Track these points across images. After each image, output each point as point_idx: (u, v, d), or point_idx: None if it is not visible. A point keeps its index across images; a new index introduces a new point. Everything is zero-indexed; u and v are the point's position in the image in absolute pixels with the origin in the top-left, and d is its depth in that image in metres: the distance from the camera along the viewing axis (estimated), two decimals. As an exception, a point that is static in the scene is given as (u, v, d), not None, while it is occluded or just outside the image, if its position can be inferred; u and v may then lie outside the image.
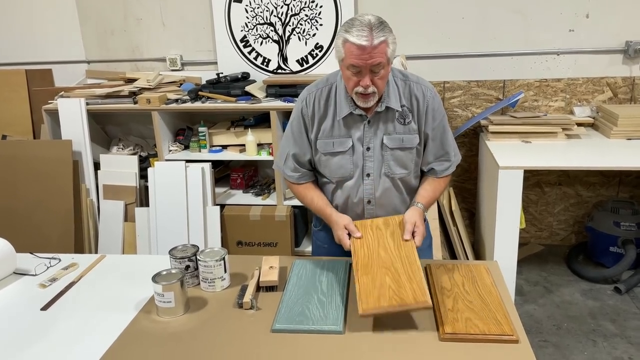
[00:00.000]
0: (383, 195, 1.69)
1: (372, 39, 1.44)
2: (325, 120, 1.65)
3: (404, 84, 1.65)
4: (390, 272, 1.43)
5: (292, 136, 1.71)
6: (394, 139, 1.64)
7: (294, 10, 3.24)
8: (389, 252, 1.51)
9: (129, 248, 3.14)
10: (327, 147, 1.66)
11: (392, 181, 1.68)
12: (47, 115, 3.18)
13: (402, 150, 1.65)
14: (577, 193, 3.47)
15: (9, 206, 3.09)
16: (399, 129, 1.64)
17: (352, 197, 1.70)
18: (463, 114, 3.37)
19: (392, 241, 1.55)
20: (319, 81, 1.70)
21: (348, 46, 1.46)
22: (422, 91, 1.65)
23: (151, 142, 3.42)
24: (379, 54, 1.45)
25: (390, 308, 1.32)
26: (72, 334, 1.40)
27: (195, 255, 1.59)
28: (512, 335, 1.28)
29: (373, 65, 1.47)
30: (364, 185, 1.68)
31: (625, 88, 3.20)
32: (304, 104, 1.67)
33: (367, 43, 1.43)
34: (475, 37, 3.23)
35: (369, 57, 1.45)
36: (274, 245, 3.08)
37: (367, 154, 1.65)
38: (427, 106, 1.64)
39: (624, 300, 2.91)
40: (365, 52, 1.44)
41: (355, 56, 1.46)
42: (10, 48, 3.66)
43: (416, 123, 1.65)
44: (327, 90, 1.66)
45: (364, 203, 1.70)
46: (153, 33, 3.49)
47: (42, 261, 1.80)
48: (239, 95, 3.07)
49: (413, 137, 1.65)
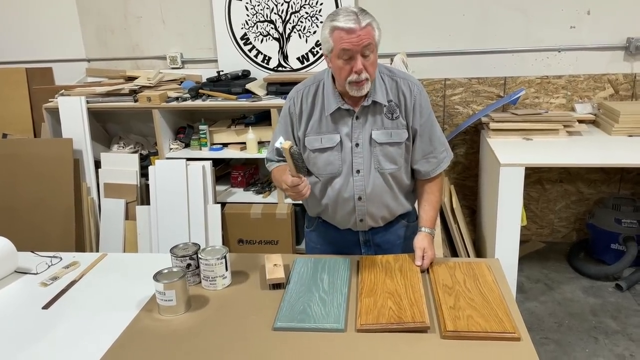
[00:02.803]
0: (374, 191, 1.69)
1: (359, 21, 1.48)
2: (313, 117, 1.67)
3: (390, 80, 1.66)
4: (393, 297, 1.45)
5: (278, 132, 1.74)
6: (383, 133, 1.64)
7: (294, 8, 3.24)
8: (395, 281, 1.54)
9: (130, 246, 3.14)
10: (315, 143, 1.67)
11: (382, 177, 1.69)
12: (47, 113, 3.18)
13: (391, 146, 1.66)
14: (578, 190, 3.46)
15: (10, 205, 3.09)
16: (387, 124, 1.65)
17: (342, 193, 1.70)
18: (464, 111, 3.36)
19: (400, 273, 1.58)
20: (307, 80, 1.72)
21: (337, 33, 1.49)
22: (409, 87, 1.66)
23: (152, 140, 3.41)
24: (367, 35, 1.48)
25: (387, 325, 1.34)
26: (73, 333, 1.40)
27: (196, 253, 1.59)
28: (514, 333, 1.28)
29: (364, 46, 1.48)
30: (354, 182, 1.68)
31: (626, 85, 3.19)
32: (292, 102, 1.70)
33: (355, 25, 1.47)
34: (476, 34, 3.22)
35: (359, 39, 1.47)
36: (274, 243, 3.08)
37: (356, 150, 1.66)
38: (414, 101, 1.65)
39: (625, 297, 2.91)
40: (355, 34, 1.47)
41: (346, 40, 1.48)
42: (10, 46, 3.65)
43: (404, 118, 1.66)
44: (314, 87, 1.68)
45: (355, 199, 1.70)
46: (153, 31, 3.48)
47: (43, 260, 1.80)
48: (240, 93, 3.06)
49: (401, 131, 1.66)
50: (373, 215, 1.74)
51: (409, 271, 1.58)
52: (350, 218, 1.75)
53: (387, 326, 1.34)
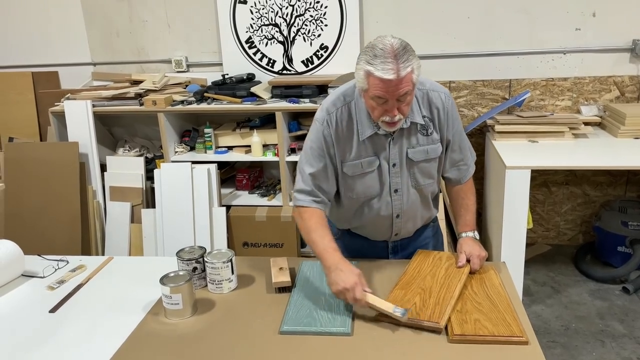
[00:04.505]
0: (411, 207, 1.67)
1: (398, 70, 1.34)
2: (351, 142, 1.57)
3: (421, 93, 1.58)
4: (423, 294, 1.45)
5: (313, 159, 1.58)
6: (419, 151, 1.59)
7: (298, 11, 3.24)
8: (435, 279, 1.53)
9: (135, 250, 3.15)
10: (355, 169, 1.59)
11: (419, 192, 1.66)
12: (53, 117, 3.20)
13: (428, 162, 1.62)
14: (584, 193, 3.45)
15: (16, 208, 3.10)
16: (422, 141, 1.59)
17: (380, 213, 1.65)
18: (469, 113, 3.36)
19: (444, 272, 1.57)
20: (335, 99, 1.58)
21: (372, 79, 1.37)
22: (440, 99, 1.59)
23: (157, 144, 3.42)
24: (406, 84, 1.37)
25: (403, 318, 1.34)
26: (80, 336, 1.40)
27: (202, 257, 1.59)
28: (521, 337, 1.27)
29: (400, 95, 1.39)
30: (392, 202, 1.64)
31: (632, 87, 3.18)
32: (325, 125, 1.55)
33: (394, 76, 1.34)
34: (481, 36, 3.22)
35: (396, 89, 1.37)
36: (280, 246, 3.08)
37: (394, 170, 1.60)
38: (447, 113, 1.60)
39: (633, 300, 2.89)
40: (392, 85, 1.36)
41: (381, 89, 1.37)
42: (16, 51, 3.68)
43: (438, 132, 1.61)
44: (346, 109, 1.56)
45: (393, 218, 1.67)
46: (158, 35, 3.49)
47: (50, 263, 1.81)
48: (245, 97, 3.07)
49: (436, 146, 1.61)
50: (408, 229, 1.73)
51: (455, 271, 1.57)
52: (386, 233, 1.72)
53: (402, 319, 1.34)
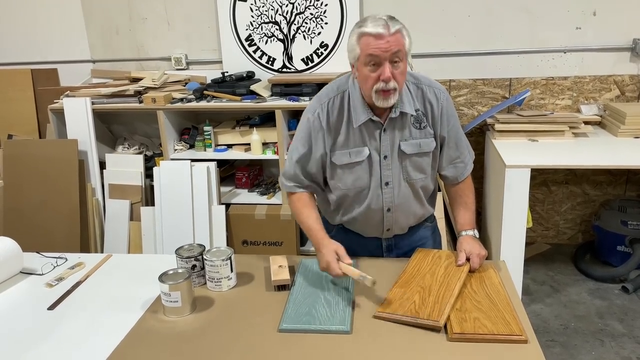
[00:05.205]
0: (402, 202, 1.65)
1: (388, 27, 1.40)
2: (340, 130, 1.58)
3: (416, 88, 1.60)
4: (423, 292, 1.45)
5: (300, 146, 1.63)
6: (411, 144, 1.59)
7: (298, 9, 3.24)
8: (434, 278, 1.52)
9: (134, 247, 3.15)
10: (343, 158, 1.59)
11: (411, 187, 1.65)
12: (52, 114, 3.19)
13: (420, 156, 1.61)
14: (584, 192, 3.45)
15: (15, 205, 3.10)
16: (415, 134, 1.59)
17: (370, 206, 1.65)
18: (469, 112, 3.35)
19: (444, 270, 1.56)
20: (328, 90, 1.61)
21: (364, 38, 1.42)
22: (435, 94, 1.60)
23: (156, 142, 3.42)
24: (396, 42, 1.41)
25: (402, 317, 1.35)
26: (78, 334, 1.40)
27: (201, 254, 1.59)
28: (521, 336, 1.27)
29: (392, 53, 1.41)
30: (383, 195, 1.63)
31: (632, 86, 3.18)
32: (316, 115, 1.58)
33: (384, 30, 1.40)
34: (481, 35, 3.21)
35: (388, 45, 1.40)
36: (279, 245, 3.07)
37: (384, 163, 1.60)
38: (441, 109, 1.60)
39: (632, 299, 2.89)
40: (383, 40, 1.40)
41: (374, 46, 1.40)
42: (15, 48, 3.67)
43: (432, 127, 1.61)
44: (339, 99, 1.58)
45: (384, 211, 1.66)
46: (158, 32, 3.49)
47: (48, 260, 1.80)
48: (244, 94, 3.06)
49: (430, 141, 1.61)
50: (400, 224, 1.71)
51: (454, 270, 1.56)
52: (377, 228, 1.71)
53: (401, 318, 1.35)
